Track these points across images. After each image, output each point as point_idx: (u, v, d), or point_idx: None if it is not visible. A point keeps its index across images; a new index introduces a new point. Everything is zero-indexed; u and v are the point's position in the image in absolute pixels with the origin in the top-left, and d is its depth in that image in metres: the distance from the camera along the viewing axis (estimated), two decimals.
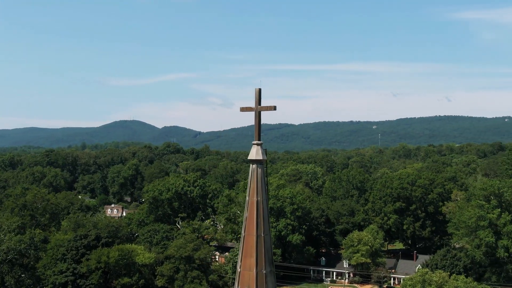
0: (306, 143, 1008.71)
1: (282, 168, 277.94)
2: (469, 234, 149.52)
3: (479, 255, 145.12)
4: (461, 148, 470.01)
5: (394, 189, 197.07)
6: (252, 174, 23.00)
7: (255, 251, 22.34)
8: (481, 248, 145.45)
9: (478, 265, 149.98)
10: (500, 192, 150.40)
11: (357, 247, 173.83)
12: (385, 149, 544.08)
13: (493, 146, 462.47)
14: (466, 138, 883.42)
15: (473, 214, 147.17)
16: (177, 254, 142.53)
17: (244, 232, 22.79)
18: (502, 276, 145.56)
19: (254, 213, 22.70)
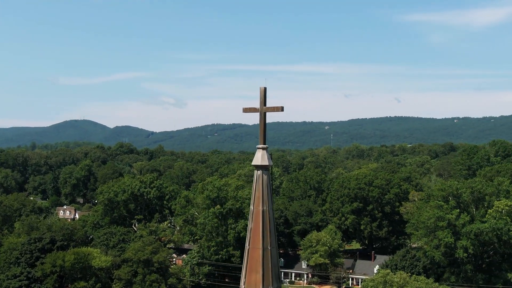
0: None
1: (239, 168, 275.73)
2: (428, 234, 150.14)
3: (438, 256, 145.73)
4: (413, 148, 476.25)
5: (352, 189, 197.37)
6: (257, 181, 20.99)
7: (261, 266, 20.28)
8: (440, 249, 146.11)
9: (437, 266, 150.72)
10: (459, 192, 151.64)
11: (316, 247, 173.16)
12: (338, 150, 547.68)
13: (444, 146, 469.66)
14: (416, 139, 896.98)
15: (432, 214, 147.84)
16: (135, 257, 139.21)
17: (249, 245, 20.70)
18: (461, 276, 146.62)
19: (260, 224, 20.64)
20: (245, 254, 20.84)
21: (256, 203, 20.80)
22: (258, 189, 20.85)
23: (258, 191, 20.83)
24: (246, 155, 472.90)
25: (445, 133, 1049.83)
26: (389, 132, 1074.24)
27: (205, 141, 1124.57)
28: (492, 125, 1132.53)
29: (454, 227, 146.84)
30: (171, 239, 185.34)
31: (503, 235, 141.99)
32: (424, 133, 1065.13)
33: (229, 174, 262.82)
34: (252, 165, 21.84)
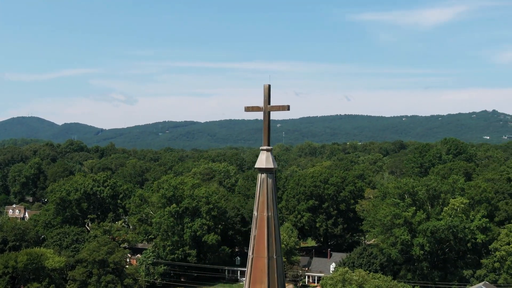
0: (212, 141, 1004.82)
1: (194, 166, 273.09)
2: (385, 232, 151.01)
3: (395, 253, 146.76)
4: (364, 146, 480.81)
5: (307, 187, 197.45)
6: (261, 185, 19.55)
7: (266, 276, 18.84)
8: (396, 246, 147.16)
9: (393, 263, 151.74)
10: (414, 190, 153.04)
11: None
12: (291, 147, 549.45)
13: (394, 144, 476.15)
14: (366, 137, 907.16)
15: (389, 212, 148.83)
16: (90, 258, 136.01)
17: (252, 254, 19.23)
18: (417, 273, 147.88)
19: (265, 231, 19.19)
20: (248, 264, 19.38)
21: (260, 209, 19.36)
22: (262, 194, 19.42)
23: (263, 196, 19.41)
24: (199, 152, 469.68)
25: (393, 131, 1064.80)
26: (339, 130, 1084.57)
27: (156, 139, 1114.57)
28: (440, 123, 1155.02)
29: (410, 224, 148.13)
30: (126, 238, 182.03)
31: (458, 233, 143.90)
32: (373, 131, 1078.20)
33: (183, 172, 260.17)
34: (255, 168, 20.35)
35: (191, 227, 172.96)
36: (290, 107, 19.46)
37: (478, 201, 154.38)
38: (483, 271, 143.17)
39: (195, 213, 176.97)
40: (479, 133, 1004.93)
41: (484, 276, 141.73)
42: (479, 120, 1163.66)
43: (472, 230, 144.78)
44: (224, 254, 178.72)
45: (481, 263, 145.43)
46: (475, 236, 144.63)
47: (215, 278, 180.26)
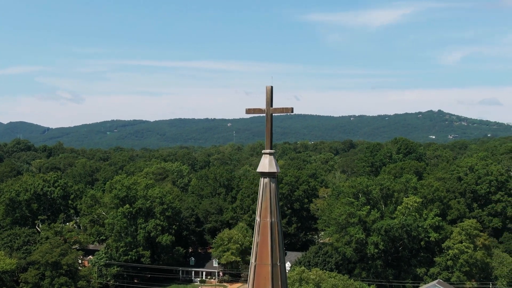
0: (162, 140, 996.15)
1: (146, 166, 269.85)
2: (340, 230, 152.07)
3: (350, 252, 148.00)
4: (315, 145, 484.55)
5: None
6: (264, 190, 18.90)
7: (270, 284, 18.21)
8: (351, 245, 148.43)
9: (348, 262, 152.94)
10: (369, 189, 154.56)
11: (227, 245, 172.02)
12: (242, 146, 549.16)
13: (344, 143, 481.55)
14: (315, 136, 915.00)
15: (343, 211, 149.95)
16: (43, 260, 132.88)
17: (255, 261, 18.57)
18: (371, 272, 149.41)
19: (268, 237, 18.56)
20: (251, 271, 18.73)
21: (263, 214, 18.72)
22: (265, 199, 18.77)
23: (266, 201, 18.76)
24: (149, 152, 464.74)
25: (342, 131, 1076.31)
26: (289, 130, 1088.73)
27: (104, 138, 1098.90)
28: (387, 123, 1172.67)
29: (365, 223, 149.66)
30: (77, 239, 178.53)
31: (412, 231, 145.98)
32: (322, 130, 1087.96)
33: (135, 172, 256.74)
34: (257, 172, 19.71)
35: (145, 227, 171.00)
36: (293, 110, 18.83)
37: (430, 200, 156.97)
38: (436, 269, 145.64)
39: (148, 214, 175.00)
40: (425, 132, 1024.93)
41: (437, 274, 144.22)
42: (425, 120, 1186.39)
43: (425, 229, 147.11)
44: (179, 255, 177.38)
45: (434, 261, 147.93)
46: (428, 235, 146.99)
47: (169, 279, 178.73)
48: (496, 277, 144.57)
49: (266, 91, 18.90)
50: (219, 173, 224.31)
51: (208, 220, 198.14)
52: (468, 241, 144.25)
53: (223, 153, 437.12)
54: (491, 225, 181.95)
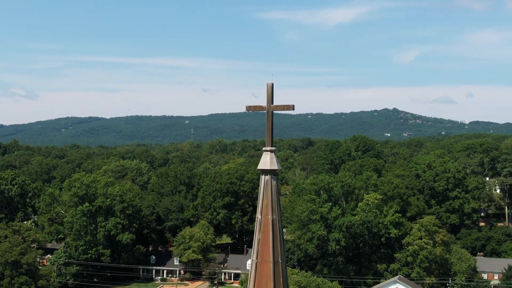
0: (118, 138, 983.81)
1: (104, 164, 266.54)
2: (302, 227, 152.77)
3: (312, 248, 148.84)
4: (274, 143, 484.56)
5: (224, 184, 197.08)
6: (265, 188, 18.76)
7: (272, 282, 18.12)
8: (313, 241, 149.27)
9: (310, 258, 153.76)
10: (330, 186, 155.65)
11: (189, 243, 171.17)
12: (201, 144, 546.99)
13: (303, 141, 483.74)
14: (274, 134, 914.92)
15: (306, 208, 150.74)
16: (2, 259, 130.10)
17: (257, 258, 18.44)
18: (333, 268, 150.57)
19: (270, 234, 18.45)
20: (252, 269, 18.59)
21: (264, 212, 18.61)
22: (266, 196, 18.65)
23: (267, 199, 18.64)
24: (106, 149, 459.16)
25: (300, 128, 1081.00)
26: (247, 127, 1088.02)
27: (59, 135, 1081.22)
28: (343, 121, 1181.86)
29: (326, 220, 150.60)
30: (36, 238, 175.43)
31: (372, 228, 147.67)
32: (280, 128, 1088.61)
33: (93, 170, 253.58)
34: (258, 170, 19.55)
35: (105, 226, 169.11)
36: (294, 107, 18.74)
37: (390, 197, 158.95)
38: (396, 265, 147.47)
39: (108, 212, 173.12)
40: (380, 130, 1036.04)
41: (397, 270, 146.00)
42: (380, 118, 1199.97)
43: (386, 225, 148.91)
44: (139, 253, 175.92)
45: (394, 257, 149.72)
46: (388, 231, 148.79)
47: (130, 278, 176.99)
48: (455, 272, 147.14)
49: (267, 88, 18.76)
50: (180, 171, 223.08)
51: (169, 218, 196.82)
52: (427, 237, 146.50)
53: (182, 150, 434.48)
54: (449, 222, 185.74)
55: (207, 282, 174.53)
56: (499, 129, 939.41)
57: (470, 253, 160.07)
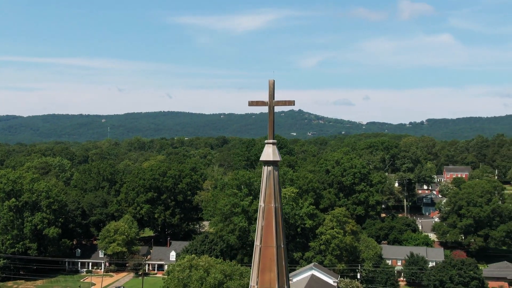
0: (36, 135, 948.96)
1: (27, 161, 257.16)
2: (224, 220, 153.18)
3: (234, 239, 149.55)
4: (191, 141, 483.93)
5: (147, 180, 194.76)
6: (268, 177, 19.02)
7: (275, 265, 18.35)
8: (235, 233, 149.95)
9: (231, 248, 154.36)
10: (250, 181, 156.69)
11: (114, 237, 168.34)
12: (120, 142, 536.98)
13: (218, 139, 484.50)
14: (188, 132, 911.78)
15: (228, 202, 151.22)
16: None
17: (260, 244, 18.63)
18: None
19: (273, 221, 18.72)
20: (256, 253, 18.76)
21: (267, 200, 18.86)
22: (269, 186, 18.92)
23: (270, 188, 18.91)
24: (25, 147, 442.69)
25: (213, 127, 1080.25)
26: (163, 126, 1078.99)
27: None
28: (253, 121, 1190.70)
29: (247, 212, 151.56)
30: None
31: (289, 219, 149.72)
32: (195, 127, 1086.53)
33: (16, 166, 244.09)
34: (261, 161, 19.72)
35: (31, 221, 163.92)
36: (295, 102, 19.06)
37: (305, 191, 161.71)
38: (311, 253, 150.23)
39: (35, 207, 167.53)
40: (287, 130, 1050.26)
41: (312, 258, 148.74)
42: (287, 118, 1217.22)
43: (301, 217, 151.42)
44: (65, 247, 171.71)
45: (309, 246, 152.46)
46: (304, 222, 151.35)
47: (56, 270, 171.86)
48: (363, 259, 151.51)
49: (269, 84, 18.98)
50: (102, 168, 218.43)
51: (93, 213, 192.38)
52: (338, 227, 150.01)
53: (101, 148, 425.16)
54: (356, 213, 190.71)
55: (131, 273, 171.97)
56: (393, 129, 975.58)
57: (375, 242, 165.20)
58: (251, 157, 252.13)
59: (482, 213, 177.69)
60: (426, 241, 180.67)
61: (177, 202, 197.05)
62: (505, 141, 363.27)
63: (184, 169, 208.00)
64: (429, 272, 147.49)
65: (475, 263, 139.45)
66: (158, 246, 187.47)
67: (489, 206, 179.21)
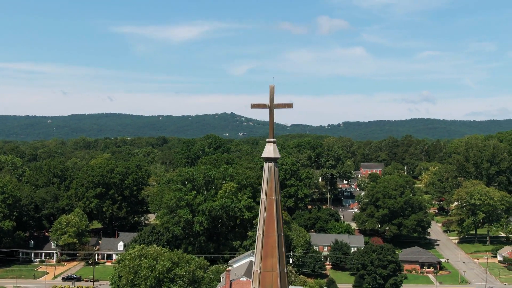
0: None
1: None
2: (170, 213, 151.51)
3: (179, 230, 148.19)
4: (133, 141, 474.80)
5: (95, 176, 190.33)
6: (269, 173, 19.04)
7: (276, 251, 18.50)
8: (180, 224, 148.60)
9: (176, 239, 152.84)
10: (194, 177, 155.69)
11: (65, 229, 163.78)
12: (67, 141, 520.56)
13: (158, 139, 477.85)
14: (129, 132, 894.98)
15: (173, 196, 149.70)
16: None
17: (262, 232, 18.68)
18: (196, 246, 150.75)
19: (274, 212, 18.79)
20: (258, 241, 18.82)
21: (269, 193, 18.91)
22: (270, 180, 18.96)
23: (271, 182, 18.95)
24: None
25: (152, 128, 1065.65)
26: (105, 127, 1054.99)
27: None
28: (190, 122, 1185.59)
29: (191, 206, 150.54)
30: None
31: (230, 211, 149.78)
32: (135, 127, 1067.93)
33: None
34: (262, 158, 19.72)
35: None
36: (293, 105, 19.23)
37: (244, 185, 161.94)
38: (248, 242, 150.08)
39: None
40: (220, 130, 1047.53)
41: (249, 245, 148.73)
42: (220, 120, 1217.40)
43: (240, 209, 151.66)
44: (19, 239, 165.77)
45: (247, 235, 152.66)
46: (242, 214, 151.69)
47: (11, 260, 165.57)
48: (295, 246, 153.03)
49: (270, 89, 19.08)
50: (53, 165, 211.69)
51: (45, 207, 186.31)
52: None
53: (49, 147, 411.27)
54: (287, 205, 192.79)
55: (82, 262, 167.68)
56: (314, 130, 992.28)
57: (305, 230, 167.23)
58: (191, 155, 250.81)
59: (396, 204, 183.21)
60: (348, 229, 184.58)
61: (124, 196, 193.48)
62: (413, 141, 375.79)
63: (130, 166, 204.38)
64: (352, 257, 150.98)
65: (392, 249, 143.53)
66: (106, 237, 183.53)
67: (402, 198, 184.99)
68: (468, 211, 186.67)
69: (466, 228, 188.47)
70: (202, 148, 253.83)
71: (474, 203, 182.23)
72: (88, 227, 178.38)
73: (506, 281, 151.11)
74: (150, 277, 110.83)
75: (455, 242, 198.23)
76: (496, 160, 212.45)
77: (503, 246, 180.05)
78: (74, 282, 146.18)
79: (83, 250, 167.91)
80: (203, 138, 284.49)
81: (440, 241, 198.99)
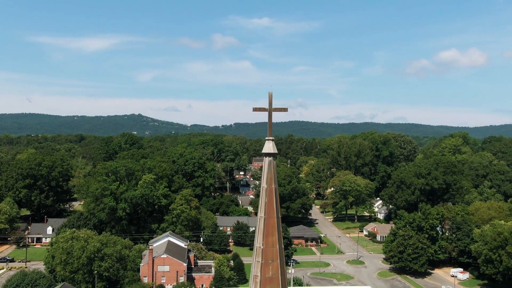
0: None
1: None
2: (96, 200, 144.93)
3: (104, 216, 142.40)
4: (53, 138, 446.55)
5: (24, 169, 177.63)
6: (269, 165, 19.03)
7: (276, 230, 18.61)
8: (105, 211, 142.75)
9: (101, 223, 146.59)
10: (117, 170, 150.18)
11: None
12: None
13: (77, 136, 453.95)
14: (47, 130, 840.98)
15: (99, 186, 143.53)
16: None
17: (264, 215, 18.69)
18: (119, 229, 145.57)
19: (274, 198, 18.86)
20: (261, 222, 18.77)
21: (269, 183, 18.93)
22: (270, 172, 18.99)
23: (271, 173, 18.99)
24: None
25: (68, 127, 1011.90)
26: (25, 125, 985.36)
27: None
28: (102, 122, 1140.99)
29: (115, 194, 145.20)
30: None
31: (149, 199, 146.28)
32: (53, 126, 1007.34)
33: None
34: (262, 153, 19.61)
35: None
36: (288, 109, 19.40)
37: (161, 176, 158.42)
38: (165, 224, 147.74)
39: None
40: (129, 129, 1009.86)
41: (166, 227, 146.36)
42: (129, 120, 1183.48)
43: (158, 197, 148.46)
44: None
45: (164, 219, 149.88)
46: (160, 201, 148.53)
47: None
48: (204, 227, 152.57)
49: (269, 95, 19.09)
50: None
51: None
52: (186, 204, 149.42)
53: None
54: (195, 193, 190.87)
55: (14, 245, 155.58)
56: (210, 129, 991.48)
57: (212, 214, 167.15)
58: (110, 150, 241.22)
59: (285, 191, 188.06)
60: (246, 212, 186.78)
61: (50, 187, 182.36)
62: (294, 140, 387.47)
63: (56, 160, 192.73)
64: (251, 235, 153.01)
65: (285, 227, 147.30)
66: (35, 223, 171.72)
67: (290, 186, 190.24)
68: (340, 196, 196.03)
69: (339, 209, 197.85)
70: (119, 145, 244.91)
71: (345, 189, 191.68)
72: (18, 214, 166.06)
73: (371, 251, 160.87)
74: (83, 256, 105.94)
75: (330, 221, 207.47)
76: (361, 155, 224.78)
77: (368, 223, 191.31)
78: (8, 263, 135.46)
79: (14, 235, 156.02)
80: (120, 135, 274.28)
81: (318, 220, 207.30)
